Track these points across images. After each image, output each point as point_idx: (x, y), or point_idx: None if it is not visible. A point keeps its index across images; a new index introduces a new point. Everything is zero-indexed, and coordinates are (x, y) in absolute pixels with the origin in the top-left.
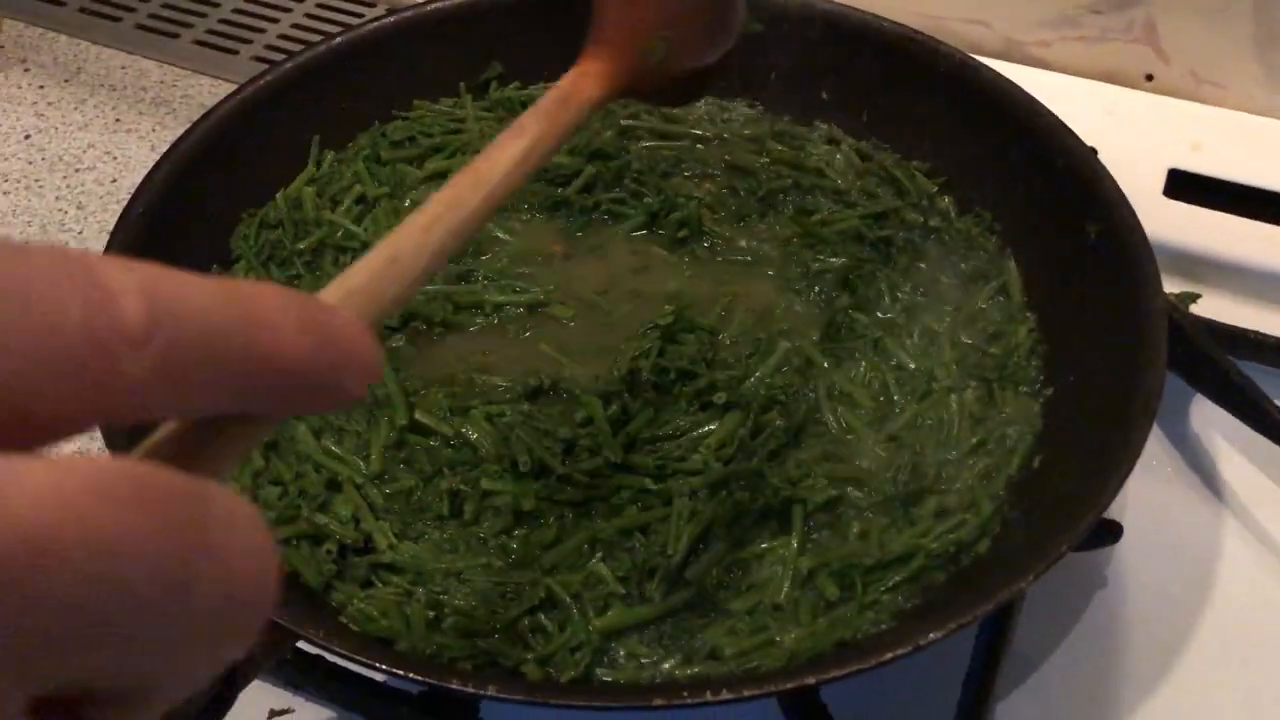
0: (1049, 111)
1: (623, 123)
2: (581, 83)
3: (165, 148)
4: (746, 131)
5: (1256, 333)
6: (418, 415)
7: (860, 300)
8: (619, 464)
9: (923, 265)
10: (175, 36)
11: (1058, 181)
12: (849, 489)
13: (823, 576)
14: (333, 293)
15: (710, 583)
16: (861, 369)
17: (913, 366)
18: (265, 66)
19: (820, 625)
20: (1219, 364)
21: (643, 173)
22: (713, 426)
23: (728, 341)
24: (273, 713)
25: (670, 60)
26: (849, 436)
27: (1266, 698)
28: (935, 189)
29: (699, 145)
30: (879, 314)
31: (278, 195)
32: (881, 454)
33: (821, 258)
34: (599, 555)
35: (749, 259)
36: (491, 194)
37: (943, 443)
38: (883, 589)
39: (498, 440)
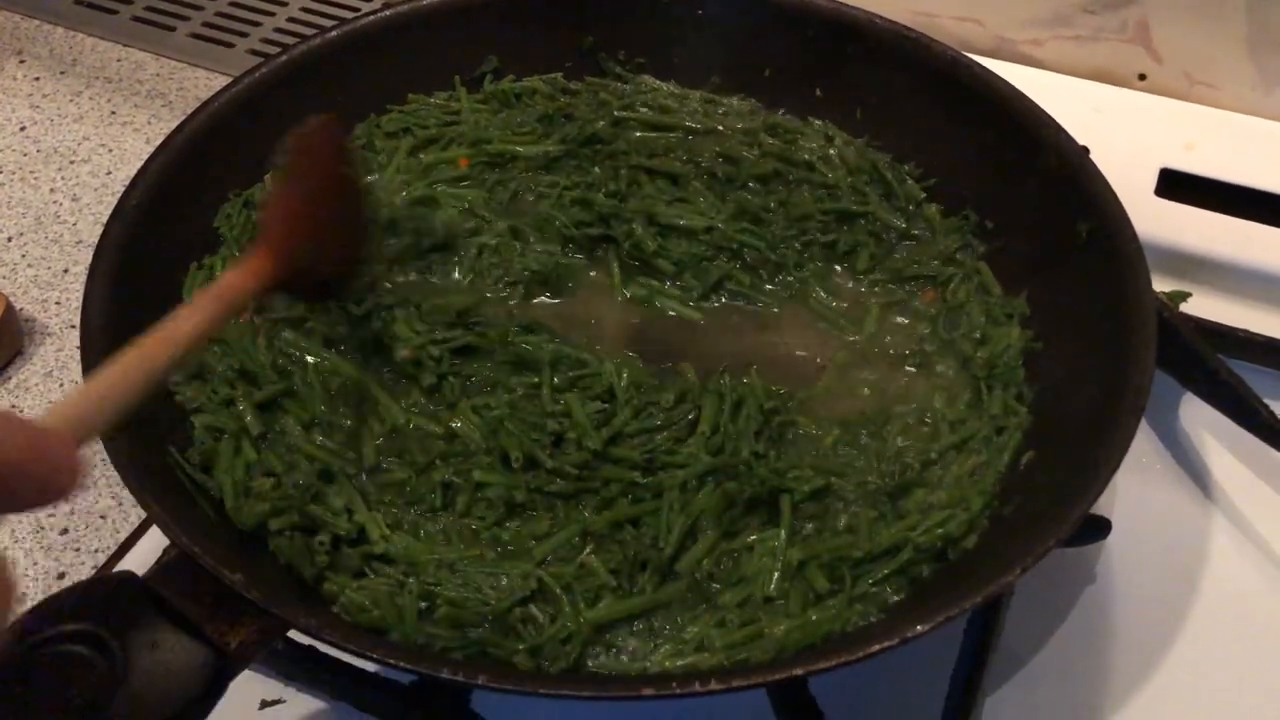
0: (1041, 110)
1: (616, 114)
2: (245, 276)
3: (160, 140)
4: (740, 125)
5: (1246, 331)
6: (408, 418)
7: (843, 304)
8: (607, 457)
9: (906, 265)
10: (171, 30)
11: (1049, 180)
12: (833, 478)
13: (812, 568)
14: (50, 417)
15: (701, 575)
16: (845, 364)
17: (899, 365)
18: (261, 60)
19: (810, 617)
20: (1208, 362)
21: (628, 154)
22: (704, 426)
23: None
24: (264, 703)
25: (313, 266)
26: (835, 431)
27: (1252, 692)
28: (923, 195)
29: (691, 137)
30: (864, 313)
31: (266, 177)
32: (869, 448)
33: (801, 255)
34: (590, 548)
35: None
36: (173, 355)
37: (930, 439)
38: (871, 582)
39: (486, 433)
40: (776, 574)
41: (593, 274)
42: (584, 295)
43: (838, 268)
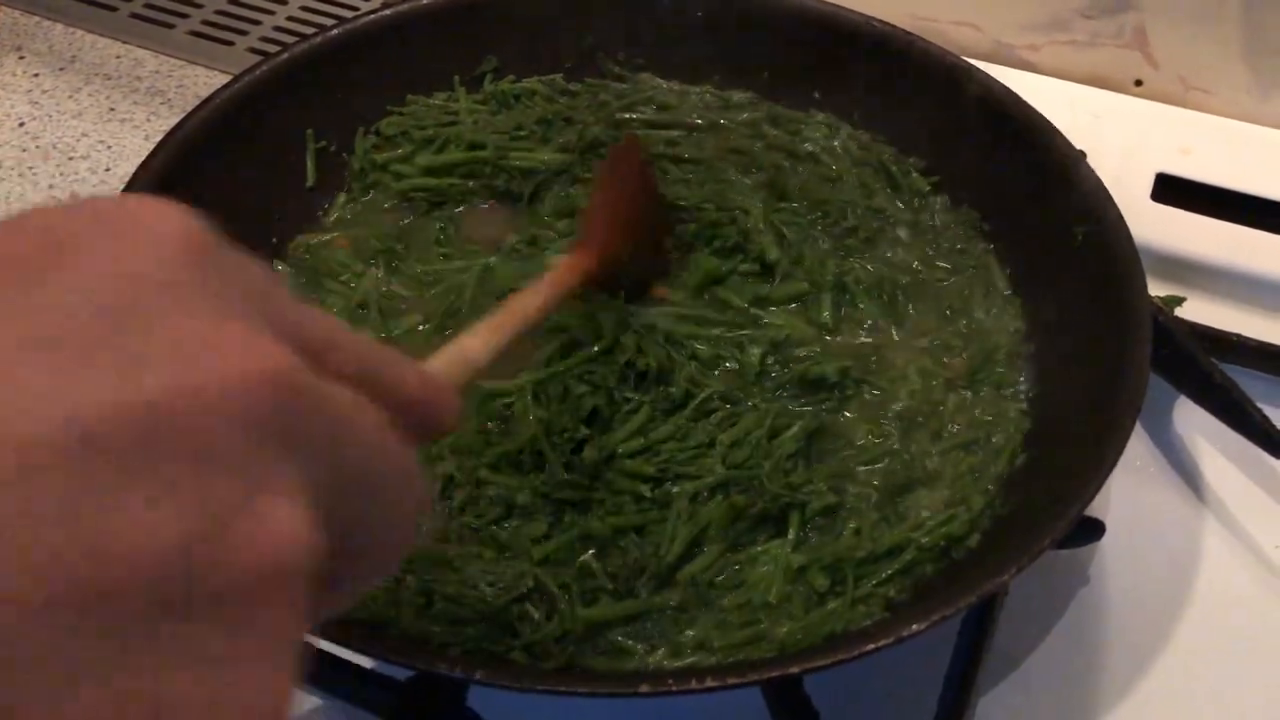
0: (1039, 114)
1: (617, 116)
2: (574, 267)
3: (159, 137)
4: (744, 116)
5: (1240, 336)
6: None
7: (843, 300)
8: (622, 469)
9: (907, 263)
10: (171, 26)
11: (1046, 184)
12: (847, 484)
13: (814, 570)
14: (432, 363)
15: (703, 582)
16: (855, 362)
17: (898, 367)
18: (261, 58)
19: (812, 619)
20: (1203, 367)
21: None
22: (723, 436)
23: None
24: None
25: (625, 267)
26: (855, 442)
27: (1244, 695)
28: (929, 188)
29: (695, 134)
30: (863, 309)
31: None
32: (874, 449)
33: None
34: (591, 551)
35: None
36: (518, 330)
37: (932, 439)
38: (874, 582)
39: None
40: (777, 581)
41: None
42: None
43: (851, 259)
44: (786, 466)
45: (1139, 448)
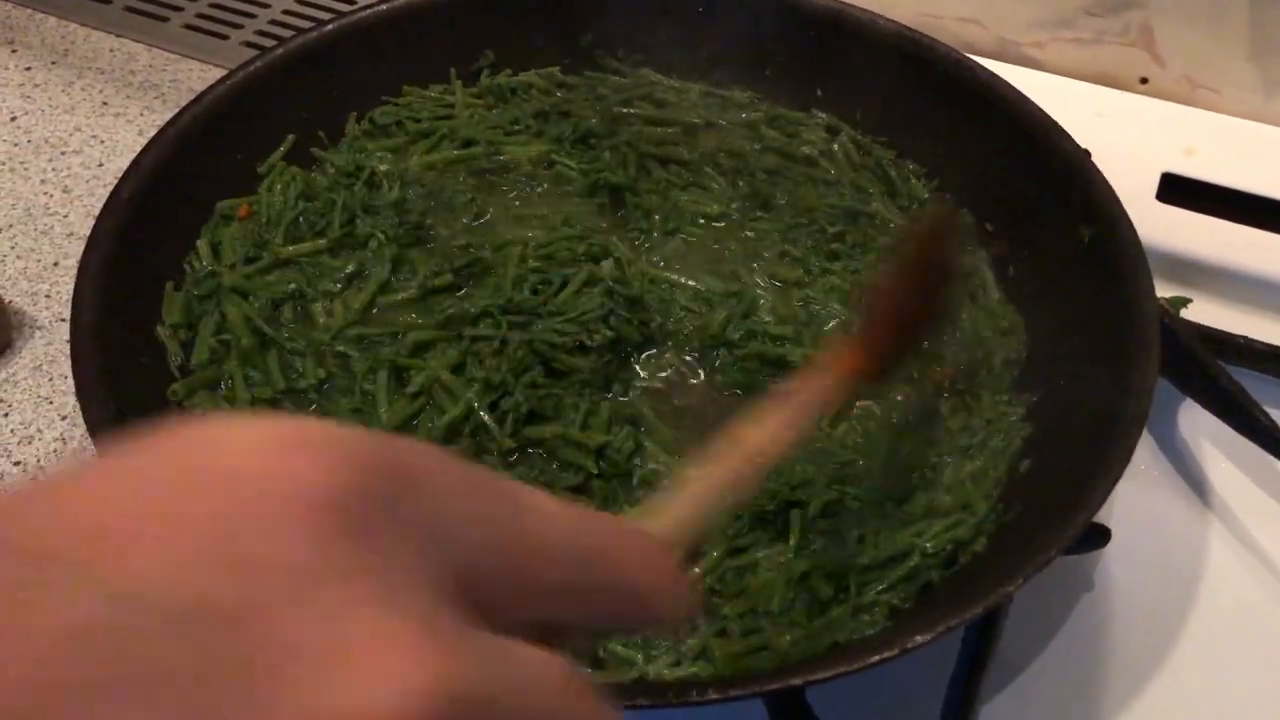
0: (1043, 113)
1: (614, 111)
2: (841, 370)
3: (153, 132)
4: (744, 115)
5: (1246, 338)
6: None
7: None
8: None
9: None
10: (165, 20)
11: (1051, 183)
12: (847, 489)
13: (816, 577)
14: (656, 524)
15: (705, 589)
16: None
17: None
18: (255, 52)
19: (815, 627)
20: (1209, 369)
21: (633, 144)
22: None
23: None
24: None
25: (889, 361)
26: (851, 443)
27: (1251, 702)
28: (927, 195)
29: (691, 133)
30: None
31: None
32: (874, 451)
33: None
34: None
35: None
36: (766, 461)
37: (929, 444)
38: (879, 589)
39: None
40: (780, 589)
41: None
42: None
43: (842, 263)
44: (784, 464)
45: (1143, 452)
